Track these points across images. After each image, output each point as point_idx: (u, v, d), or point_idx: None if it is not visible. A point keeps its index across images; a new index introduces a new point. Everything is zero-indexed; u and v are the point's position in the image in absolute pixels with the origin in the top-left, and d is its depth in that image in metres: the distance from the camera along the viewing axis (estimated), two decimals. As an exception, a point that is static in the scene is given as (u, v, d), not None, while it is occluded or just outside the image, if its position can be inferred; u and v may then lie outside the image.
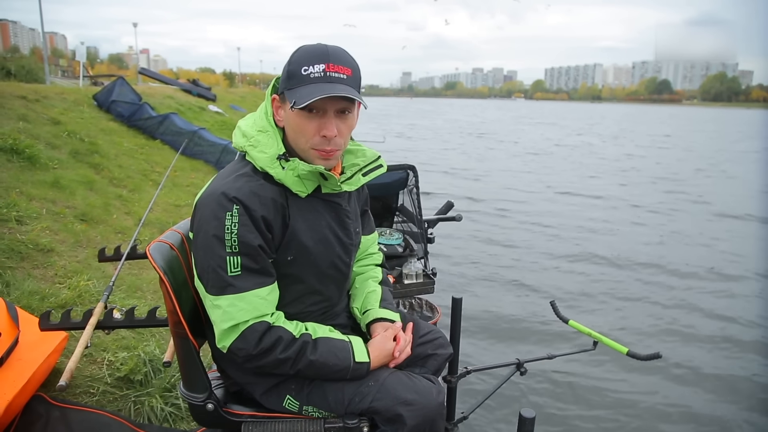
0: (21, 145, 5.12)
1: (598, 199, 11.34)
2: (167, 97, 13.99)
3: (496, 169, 15.68)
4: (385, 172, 1.56)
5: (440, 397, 1.44)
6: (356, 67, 1.33)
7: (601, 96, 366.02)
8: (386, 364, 1.46)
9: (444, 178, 13.57)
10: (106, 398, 2.39)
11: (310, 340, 1.35)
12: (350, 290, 1.68)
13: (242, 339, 1.29)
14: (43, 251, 3.53)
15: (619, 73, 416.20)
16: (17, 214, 3.83)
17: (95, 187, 5.39)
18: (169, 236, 1.51)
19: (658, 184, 13.64)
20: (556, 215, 9.59)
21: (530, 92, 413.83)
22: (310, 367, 1.34)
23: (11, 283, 3.02)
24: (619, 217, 9.72)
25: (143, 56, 55.78)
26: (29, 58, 30.82)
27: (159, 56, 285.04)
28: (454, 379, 2.14)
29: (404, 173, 2.58)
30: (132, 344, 2.74)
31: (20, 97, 7.38)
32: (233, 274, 1.28)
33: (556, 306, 2.37)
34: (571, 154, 20.93)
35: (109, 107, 9.11)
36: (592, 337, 2.19)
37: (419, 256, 2.55)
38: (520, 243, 7.73)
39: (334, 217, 1.44)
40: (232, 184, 1.30)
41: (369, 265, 1.73)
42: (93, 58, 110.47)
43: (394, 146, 21.45)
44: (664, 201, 11.34)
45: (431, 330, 1.74)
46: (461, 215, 2.61)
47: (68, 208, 4.48)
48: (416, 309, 2.59)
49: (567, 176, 14.66)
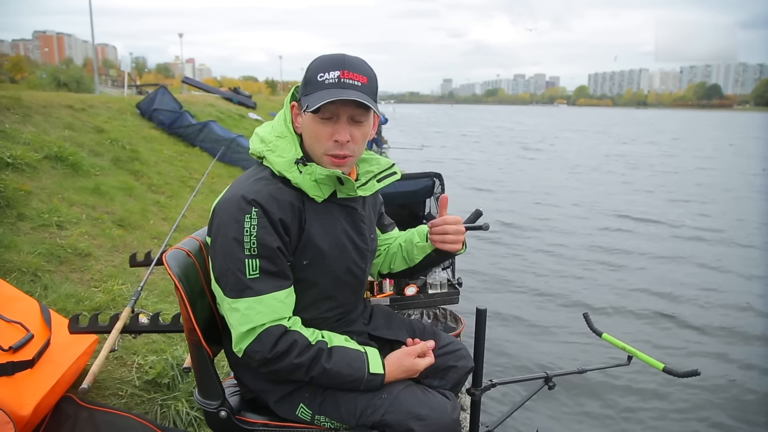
0: (65, 152, 5.31)
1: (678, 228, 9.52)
2: (208, 105, 14.30)
3: (552, 186, 14.25)
4: (399, 179, 1.57)
5: (454, 414, 1.40)
6: (372, 76, 1.35)
7: (647, 102, 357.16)
8: (401, 378, 1.43)
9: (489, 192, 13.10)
10: (133, 401, 2.43)
11: (326, 347, 1.34)
12: (399, 249, 1.68)
13: (258, 342, 1.29)
14: (81, 255, 3.64)
15: (666, 78, 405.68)
16: (58, 219, 3.96)
17: (134, 193, 5.54)
18: (187, 243, 1.52)
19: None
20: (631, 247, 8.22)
21: (573, 98, 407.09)
22: (324, 374, 1.33)
23: (49, 286, 3.12)
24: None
25: (189, 65, 57.50)
26: (81, 69, 32.14)
27: (204, 65, 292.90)
28: (478, 391, 2.08)
29: (430, 181, 2.56)
30: (161, 348, 2.79)
31: (67, 106, 7.65)
32: (252, 277, 1.28)
33: (590, 318, 2.30)
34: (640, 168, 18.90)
35: (151, 115, 9.35)
36: (627, 351, 2.11)
37: (444, 265, 2.52)
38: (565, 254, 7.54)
39: (350, 222, 1.45)
40: (251, 188, 1.32)
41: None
42: (141, 67, 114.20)
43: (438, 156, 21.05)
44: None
45: (452, 341, 1.72)
46: (488, 224, 2.54)
47: (107, 214, 4.61)
48: (440, 319, 2.55)
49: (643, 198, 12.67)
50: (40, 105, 6.93)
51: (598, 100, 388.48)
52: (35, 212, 3.94)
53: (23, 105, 6.50)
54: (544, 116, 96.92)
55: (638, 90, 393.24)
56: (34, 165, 4.77)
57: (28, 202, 4.05)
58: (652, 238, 8.72)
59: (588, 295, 5.90)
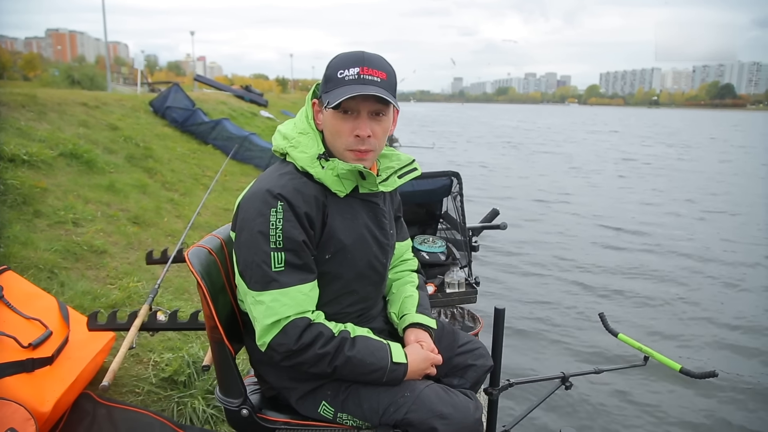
0: (80, 150, 5.35)
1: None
2: (220, 102, 14.35)
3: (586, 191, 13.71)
4: (419, 175, 1.58)
5: (477, 413, 1.39)
6: (392, 72, 1.37)
7: (658, 101, 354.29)
8: (424, 371, 1.43)
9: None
10: (150, 398, 2.44)
11: (349, 337, 1.35)
12: (387, 296, 1.66)
13: (283, 334, 1.29)
14: (97, 253, 3.66)
15: (678, 77, 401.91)
16: (74, 217, 3.99)
17: (148, 190, 5.57)
18: (209, 241, 1.52)
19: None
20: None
21: (584, 97, 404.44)
22: (347, 364, 1.32)
23: (66, 283, 3.13)
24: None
25: (200, 63, 57.76)
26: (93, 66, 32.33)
27: (215, 63, 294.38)
28: (496, 391, 2.08)
29: (448, 180, 2.54)
30: (177, 345, 2.80)
31: (81, 104, 7.70)
32: (277, 270, 1.29)
33: (605, 318, 2.28)
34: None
35: (164, 113, 9.40)
36: (643, 351, 2.10)
37: (462, 264, 2.50)
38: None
39: (372, 216, 1.46)
40: (276, 182, 1.34)
41: (405, 271, 1.71)
42: (153, 65, 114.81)
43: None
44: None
45: (471, 340, 1.71)
46: (506, 223, 2.53)
47: (122, 211, 4.64)
48: (458, 319, 2.53)
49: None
50: (55, 102, 6.99)
51: (609, 99, 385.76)
52: (51, 209, 3.96)
53: (38, 103, 6.55)
54: (558, 115, 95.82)
55: (650, 89, 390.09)
56: (50, 162, 4.81)
57: (44, 199, 4.08)
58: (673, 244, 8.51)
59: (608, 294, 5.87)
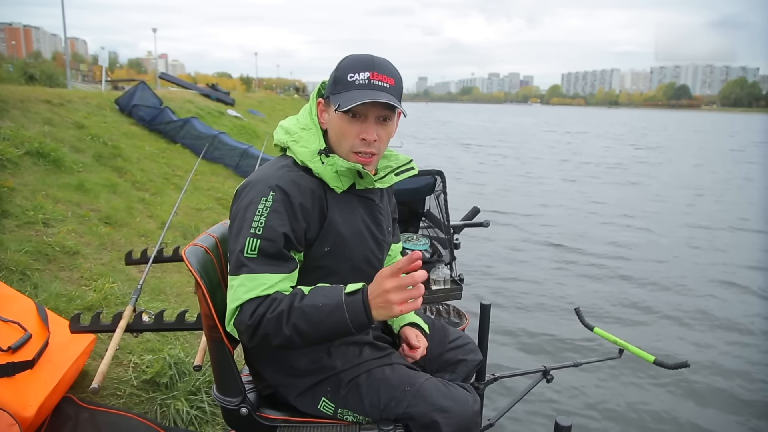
0: (46, 148, 5.19)
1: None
2: (187, 101, 14.11)
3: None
4: (415, 174, 1.59)
5: (476, 406, 1.42)
6: (399, 78, 1.39)
7: (618, 101, 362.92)
8: (387, 301, 1.18)
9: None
10: (132, 401, 2.40)
11: (300, 291, 1.28)
12: None
13: (242, 313, 1.27)
14: (69, 254, 3.57)
15: (636, 78, 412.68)
16: (44, 217, 3.88)
17: (118, 190, 5.45)
18: (204, 240, 1.52)
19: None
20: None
21: (546, 97, 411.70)
22: (302, 316, 1.22)
23: (39, 285, 3.05)
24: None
25: (161, 61, 56.64)
26: (51, 63, 31.29)
27: (177, 61, 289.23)
28: (482, 385, 2.12)
29: (432, 178, 2.57)
30: (157, 347, 2.76)
31: (45, 101, 7.48)
32: (249, 256, 1.28)
33: (581, 313, 2.34)
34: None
35: (130, 111, 9.19)
36: (618, 344, 2.16)
37: (446, 261, 2.53)
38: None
39: (368, 212, 1.47)
40: (274, 173, 1.35)
41: None
42: (113, 62, 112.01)
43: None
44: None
45: (461, 335, 1.76)
46: (489, 221, 2.58)
47: (93, 211, 4.53)
48: (444, 315, 2.56)
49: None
50: (17, 99, 6.78)
51: (571, 99, 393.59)
52: (20, 209, 3.85)
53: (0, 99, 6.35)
54: (523, 115, 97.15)
55: (610, 90, 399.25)
56: (16, 161, 4.67)
57: (12, 199, 3.96)
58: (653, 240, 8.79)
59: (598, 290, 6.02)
